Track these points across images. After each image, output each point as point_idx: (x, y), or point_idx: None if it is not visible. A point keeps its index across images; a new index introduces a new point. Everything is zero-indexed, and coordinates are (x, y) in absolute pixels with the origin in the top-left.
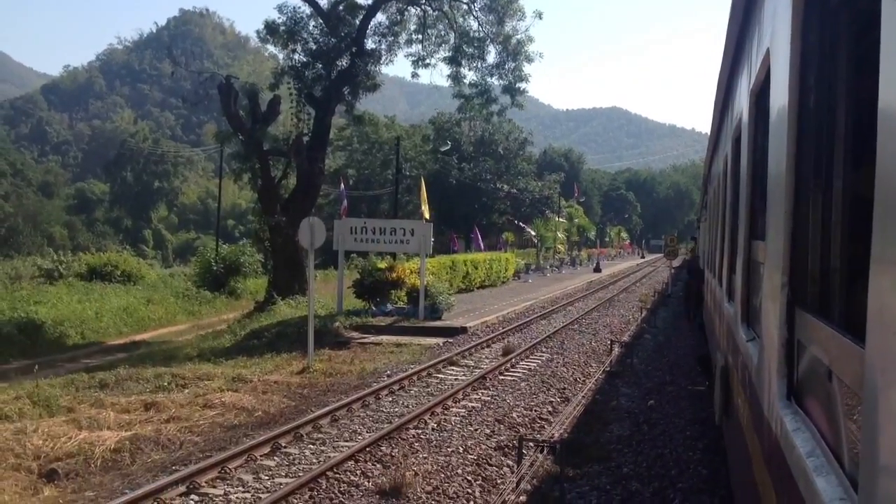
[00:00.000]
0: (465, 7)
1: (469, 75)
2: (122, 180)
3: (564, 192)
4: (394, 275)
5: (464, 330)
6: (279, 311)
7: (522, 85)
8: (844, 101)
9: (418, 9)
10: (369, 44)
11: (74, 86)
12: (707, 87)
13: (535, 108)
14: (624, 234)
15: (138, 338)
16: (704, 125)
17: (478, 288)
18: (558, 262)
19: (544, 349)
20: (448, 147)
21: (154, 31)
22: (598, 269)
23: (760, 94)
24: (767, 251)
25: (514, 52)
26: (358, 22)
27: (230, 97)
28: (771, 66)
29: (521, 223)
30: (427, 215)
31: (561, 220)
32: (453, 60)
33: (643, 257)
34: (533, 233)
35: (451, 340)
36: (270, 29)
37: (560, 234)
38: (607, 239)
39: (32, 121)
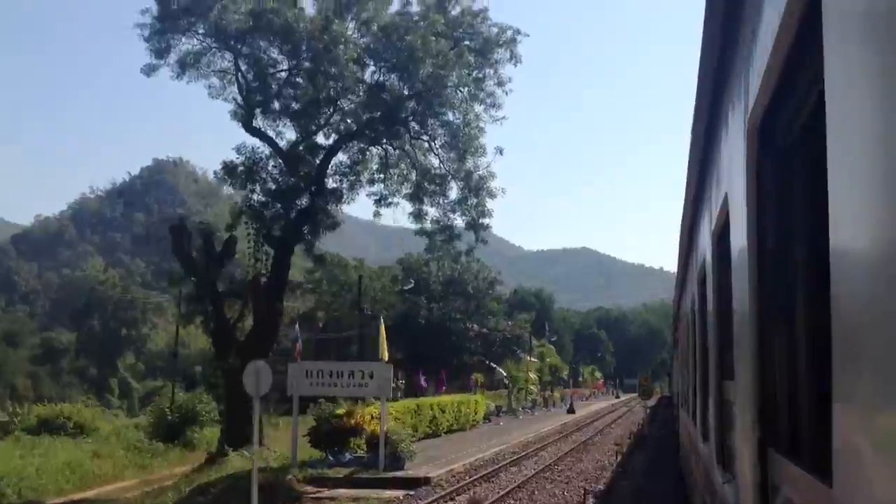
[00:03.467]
0: (426, 145)
1: (431, 212)
2: (89, 329)
3: (536, 332)
4: (352, 421)
5: (427, 481)
6: (231, 464)
7: (486, 220)
8: (802, 241)
9: (379, 148)
10: (330, 183)
11: (45, 235)
12: (674, 226)
13: (505, 248)
14: (598, 374)
15: (80, 496)
16: (672, 265)
17: (446, 432)
18: (531, 404)
19: (513, 501)
20: (411, 285)
21: (127, 179)
22: (571, 411)
23: (722, 236)
24: (737, 391)
25: (476, 188)
26: (318, 161)
27: (182, 238)
28: (730, 209)
29: (491, 363)
30: (386, 357)
31: (533, 360)
32: (414, 197)
33: (618, 397)
34: (504, 373)
35: (412, 493)
36: (228, 169)
37: (532, 375)
38: (581, 378)
39: (1, 270)
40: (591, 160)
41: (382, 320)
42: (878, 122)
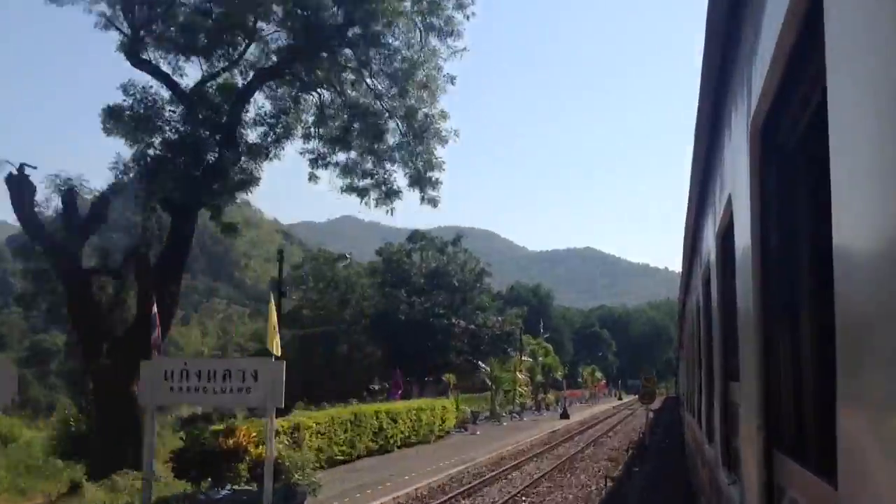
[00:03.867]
0: (360, 74)
1: (363, 162)
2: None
3: (532, 329)
4: (231, 441)
5: None
6: (88, 496)
7: (435, 175)
8: (805, 242)
9: (314, 94)
10: (252, 136)
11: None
12: (678, 226)
13: (509, 250)
14: (598, 374)
15: None
16: (677, 264)
17: (401, 446)
18: (519, 408)
19: None
20: (349, 265)
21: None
22: (565, 415)
23: (726, 237)
24: (742, 392)
25: (421, 130)
26: (231, 106)
27: (23, 192)
28: (733, 210)
29: (479, 363)
30: (277, 350)
31: (525, 358)
32: (342, 142)
33: (620, 399)
34: (488, 370)
35: None
36: (113, 114)
37: (520, 375)
38: (580, 379)
39: None
40: (594, 160)
41: (272, 300)
42: (880, 121)
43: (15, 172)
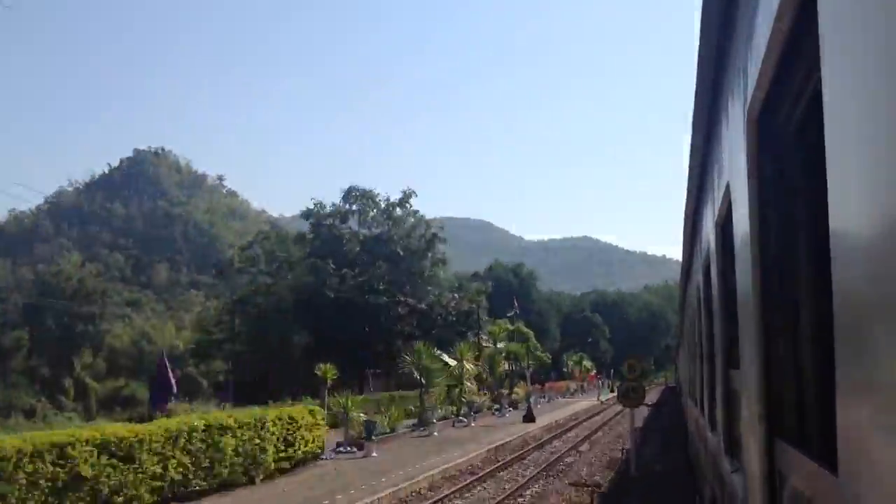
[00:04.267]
0: None
1: None
2: (41, 325)
3: (502, 311)
4: None
5: None
6: None
7: None
8: (804, 230)
9: None
10: None
11: (20, 230)
12: (675, 214)
13: (505, 240)
14: (587, 363)
15: None
16: (675, 252)
17: (178, 500)
18: (466, 409)
19: None
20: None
21: (106, 171)
22: (529, 418)
23: (725, 225)
24: (743, 380)
25: None
26: None
27: None
28: (732, 198)
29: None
30: None
31: (487, 344)
32: None
33: (612, 390)
34: (411, 358)
35: None
36: None
37: (470, 366)
38: (565, 369)
39: None
40: (590, 148)
41: None
42: (875, 108)
43: None
